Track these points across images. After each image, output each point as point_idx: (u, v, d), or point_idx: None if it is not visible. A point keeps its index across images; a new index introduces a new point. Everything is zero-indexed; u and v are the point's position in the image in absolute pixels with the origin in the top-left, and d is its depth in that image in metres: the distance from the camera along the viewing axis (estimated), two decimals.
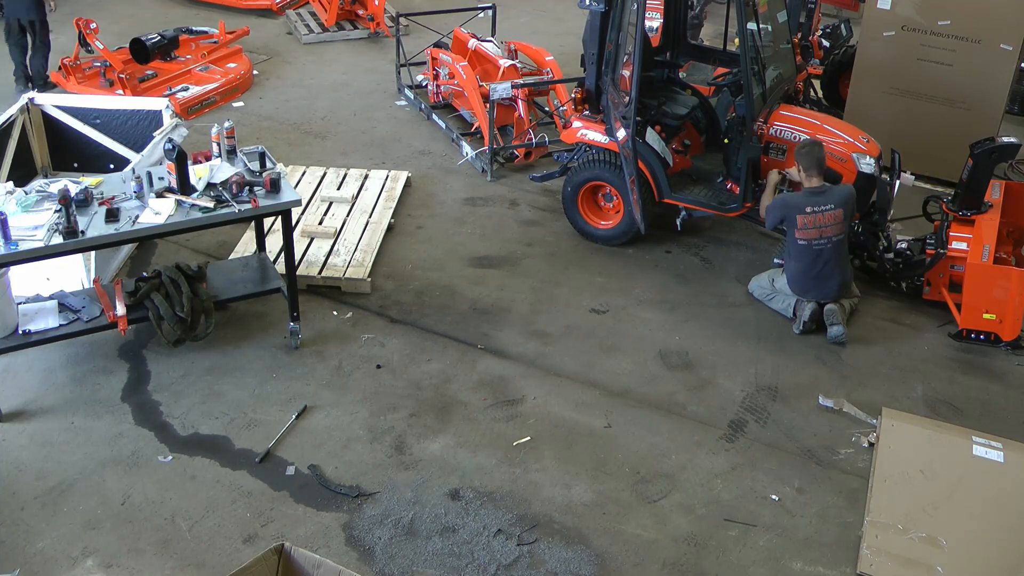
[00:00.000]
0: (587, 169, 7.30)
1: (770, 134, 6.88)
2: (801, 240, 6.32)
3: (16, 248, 5.17)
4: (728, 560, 4.79)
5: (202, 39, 10.39)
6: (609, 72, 7.07)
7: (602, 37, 7.11)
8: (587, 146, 7.39)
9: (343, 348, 6.19)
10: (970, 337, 6.38)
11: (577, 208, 7.45)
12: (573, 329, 6.48)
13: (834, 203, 6.27)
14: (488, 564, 4.69)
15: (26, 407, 5.59)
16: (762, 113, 6.83)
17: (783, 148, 6.88)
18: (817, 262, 6.33)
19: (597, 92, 7.29)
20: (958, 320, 6.42)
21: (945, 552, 4.77)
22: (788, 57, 7.56)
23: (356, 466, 5.26)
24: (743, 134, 6.75)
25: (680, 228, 7.33)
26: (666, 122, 7.21)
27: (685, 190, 7.18)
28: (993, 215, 6.64)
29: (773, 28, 7.26)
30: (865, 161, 6.70)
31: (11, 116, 7.47)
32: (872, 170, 6.71)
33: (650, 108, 7.15)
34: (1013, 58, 7.96)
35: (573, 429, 5.59)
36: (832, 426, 5.70)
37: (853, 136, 6.90)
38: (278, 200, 5.78)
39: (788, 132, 6.87)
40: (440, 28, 10.33)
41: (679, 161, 7.36)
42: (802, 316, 6.42)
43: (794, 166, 6.54)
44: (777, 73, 7.28)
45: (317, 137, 9.12)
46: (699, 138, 7.65)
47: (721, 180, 7.21)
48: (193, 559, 4.66)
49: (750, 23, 6.60)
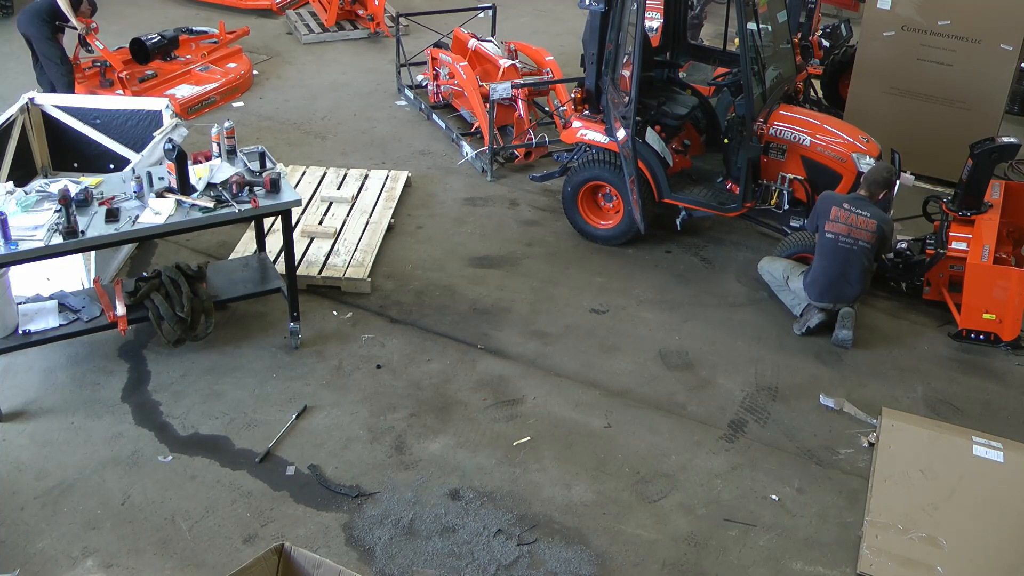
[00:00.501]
0: (587, 169, 7.30)
1: (770, 134, 6.89)
2: (828, 233, 6.27)
3: (16, 248, 5.17)
4: (728, 560, 4.79)
5: (202, 39, 10.39)
6: (609, 72, 7.07)
7: (602, 37, 7.11)
8: (587, 146, 7.39)
9: (343, 348, 6.19)
10: (970, 337, 6.39)
11: (577, 208, 7.45)
12: (573, 329, 6.48)
13: (872, 215, 6.24)
14: (488, 564, 4.69)
15: (26, 407, 5.59)
16: (762, 113, 6.83)
17: (783, 148, 6.89)
18: (840, 262, 6.26)
19: (597, 92, 7.29)
20: (958, 320, 6.43)
21: (945, 552, 4.77)
22: (788, 57, 7.57)
23: (356, 466, 5.26)
24: (743, 134, 6.75)
25: (680, 228, 7.34)
26: (666, 122, 7.21)
27: (685, 190, 7.19)
28: (993, 215, 6.65)
29: (773, 28, 7.27)
30: (865, 161, 6.71)
31: (11, 116, 7.47)
32: None
33: (650, 108, 7.15)
34: (1013, 58, 7.96)
35: (573, 429, 5.59)
36: (832, 426, 5.70)
37: (853, 136, 6.91)
38: (278, 200, 5.78)
39: (788, 132, 6.88)
40: (440, 28, 10.33)
41: (679, 161, 7.36)
42: (808, 322, 6.41)
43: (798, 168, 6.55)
44: (777, 73, 7.29)
45: (317, 137, 9.12)
46: (699, 138, 7.66)
47: (721, 180, 7.22)
48: (193, 559, 4.66)
49: (750, 23, 6.61)
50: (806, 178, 6.90)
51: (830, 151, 6.75)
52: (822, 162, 6.82)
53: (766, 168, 6.95)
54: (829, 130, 6.90)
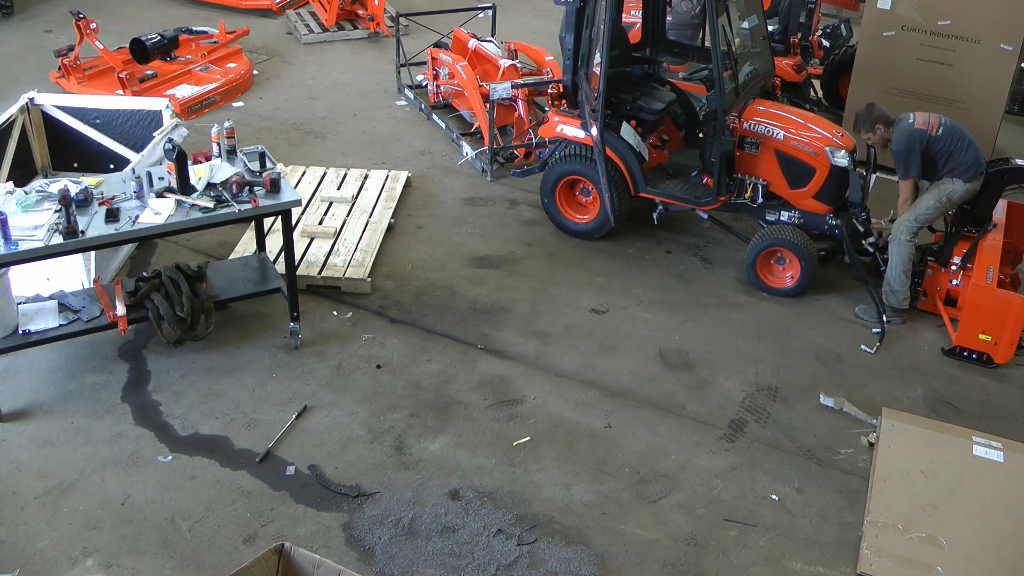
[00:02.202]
0: (564, 163, 7.38)
1: (744, 128, 6.91)
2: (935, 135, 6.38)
3: (16, 248, 5.16)
4: (728, 560, 4.79)
5: (202, 39, 10.38)
6: (583, 67, 7.10)
7: (578, 32, 7.15)
8: (565, 141, 7.46)
9: (343, 348, 6.19)
10: (962, 355, 6.32)
11: (555, 202, 7.53)
12: (573, 329, 6.48)
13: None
14: (488, 564, 4.69)
15: (26, 407, 5.59)
16: (736, 108, 6.86)
17: (756, 143, 6.91)
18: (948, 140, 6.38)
19: (574, 87, 7.32)
20: (952, 336, 6.38)
21: (945, 552, 4.77)
22: (764, 53, 7.57)
23: (356, 466, 5.26)
24: (716, 128, 6.77)
25: (656, 222, 7.39)
26: (642, 117, 7.24)
27: (661, 184, 7.24)
28: (997, 235, 6.60)
29: (749, 24, 7.29)
30: (839, 155, 6.72)
31: (11, 116, 7.46)
32: (846, 163, 6.72)
33: (624, 103, 7.21)
34: (1013, 58, 7.96)
35: (573, 429, 5.59)
36: (832, 426, 5.70)
37: (827, 130, 6.93)
38: (278, 200, 5.78)
39: (762, 127, 6.90)
40: (440, 28, 10.33)
41: (655, 156, 7.43)
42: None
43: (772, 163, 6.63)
44: (752, 68, 7.32)
45: (317, 137, 9.11)
46: (678, 134, 7.70)
47: (696, 174, 7.26)
48: (193, 559, 4.66)
49: (721, 18, 6.61)
50: (780, 171, 6.92)
51: (803, 145, 6.77)
52: (795, 156, 6.83)
53: (741, 162, 6.97)
54: (803, 124, 6.91)
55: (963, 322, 6.25)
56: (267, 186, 5.77)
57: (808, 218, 6.93)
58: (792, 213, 6.97)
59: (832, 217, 6.86)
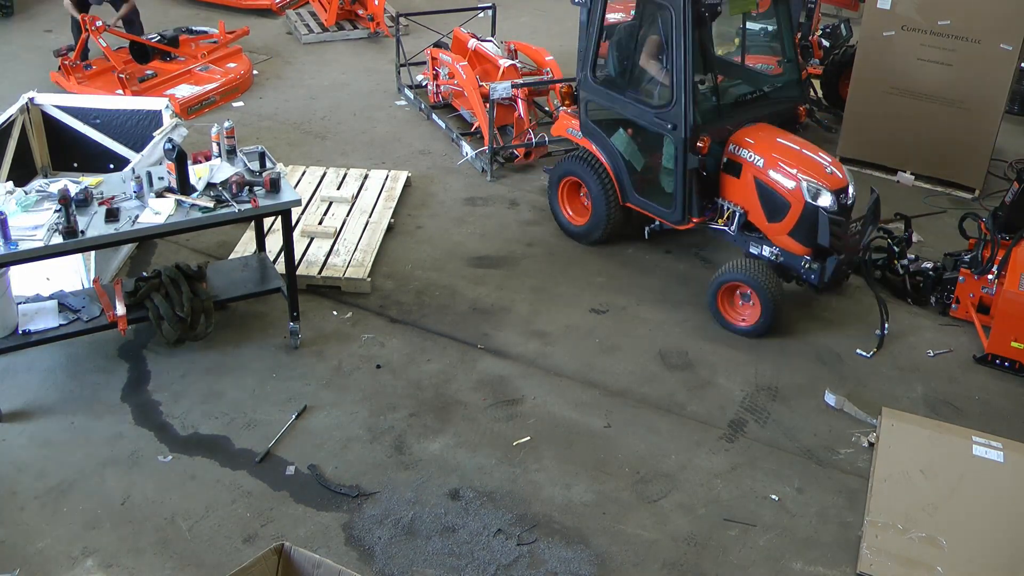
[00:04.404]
0: (565, 164, 7.39)
1: (729, 151, 6.55)
2: None
3: (16, 248, 5.17)
4: (728, 560, 4.79)
5: (202, 39, 10.38)
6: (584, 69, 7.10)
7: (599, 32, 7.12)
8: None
9: (343, 348, 6.19)
10: (994, 362, 6.23)
11: (558, 200, 7.54)
12: (573, 329, 6.48)
13: None
14: (488, 564, 4.69)
15: (26, 407, 5.59)
16: (717, 129, 6.50)
17: (740, 167, 6.51)
18: None
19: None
20: (984, 343, 6.30)
21: (945, 552, 4.77)
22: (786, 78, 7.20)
23: (356, 466, 5.26)
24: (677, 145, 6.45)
25: (648, 236, 7.17)
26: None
27: (650, 196, 6.96)
28: None
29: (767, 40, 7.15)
30: (820, 193, 6.22)
31: (11, 116, 7.46)
32: (821, 203, 6.19)
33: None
34: (1013, 58, 7.95)
35: (573, 429, 5.59)
36: (832, 426, 5.70)
37: (815, 166, 6.38)
38: (278, 200, 5.78)
39: (745, 152, 6.47)
40: (440, 28, 10.32)
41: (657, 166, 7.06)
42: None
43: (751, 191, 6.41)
44: (755, 91, 6.94)
45: (317, 137, 9.11)
46: None
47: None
48: (193, 559, 4.66)
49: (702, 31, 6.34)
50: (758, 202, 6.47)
51: (781, 176, 6.33)
52: (772, 187, 6.36)
53: (725, 187, 6.66)
54: (790, 155, 6.42)
55: (995, 330, 6.19)
56: (267, 186, 5.77)
57: (787, 258, 6.46)
58: (773, 249, 6.50)
59: (809, 261, 6.32)
